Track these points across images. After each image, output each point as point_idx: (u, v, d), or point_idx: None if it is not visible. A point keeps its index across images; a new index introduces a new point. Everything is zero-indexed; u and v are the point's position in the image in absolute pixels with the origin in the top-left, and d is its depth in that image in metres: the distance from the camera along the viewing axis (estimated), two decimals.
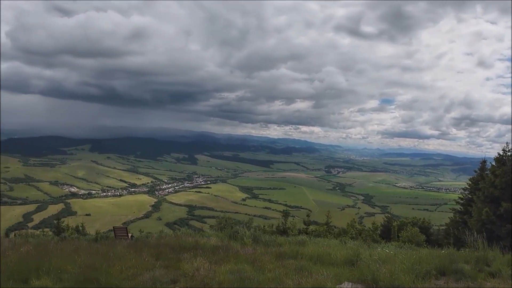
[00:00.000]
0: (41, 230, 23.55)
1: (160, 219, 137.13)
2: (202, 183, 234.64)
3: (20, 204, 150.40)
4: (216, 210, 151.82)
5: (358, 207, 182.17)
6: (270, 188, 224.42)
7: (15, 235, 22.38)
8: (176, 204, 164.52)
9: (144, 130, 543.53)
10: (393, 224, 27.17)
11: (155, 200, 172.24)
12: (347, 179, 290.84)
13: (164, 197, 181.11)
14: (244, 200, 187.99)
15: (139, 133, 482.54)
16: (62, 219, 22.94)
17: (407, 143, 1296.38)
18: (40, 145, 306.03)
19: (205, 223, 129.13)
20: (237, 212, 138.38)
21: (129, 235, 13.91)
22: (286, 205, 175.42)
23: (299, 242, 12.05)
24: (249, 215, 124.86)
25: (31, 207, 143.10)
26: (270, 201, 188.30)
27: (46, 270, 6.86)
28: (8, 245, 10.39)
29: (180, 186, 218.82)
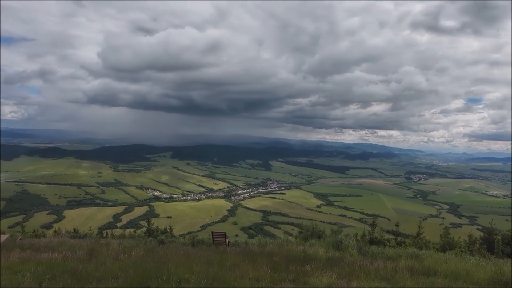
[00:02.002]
0: (133, 230, 24.61)
1: (236, 224, 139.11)
2: (276, 189, 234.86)
3: (111, 206, 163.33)
4: (290, 216, 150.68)
5: (443, 217, 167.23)
6: (345, 195, 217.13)
7: (107, 234, 23.60)
8: (251, 209, 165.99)
9: (220, 138, 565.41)
10: (496, 237, 23.84)
11: (231, 204, 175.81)
12: (430, 186, 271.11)
13: (240, 202, 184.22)
14: (319, 207, 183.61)
15: (216, 140, 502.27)
16: (152, 221, 23.69)
17: (498, 146, 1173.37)
18: (128, 152, 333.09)
19: (279, 229, 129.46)
20: (311, 219, 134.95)
21: (227, 240, 13.49)
22: (362, 213, 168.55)
23: (412, 256, 10.71)
24: (323, 222, 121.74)
25: (120, 209, 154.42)
26: (345, 208, 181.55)
27: (166, 279, 6.44)
28: (118, 248, 10.36)
29: (255, 192, 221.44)
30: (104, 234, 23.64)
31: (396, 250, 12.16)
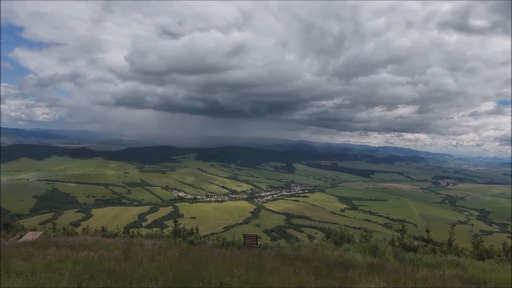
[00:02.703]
0: (160, 230, 24.74)
1: (259, 226, 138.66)
2: (300, 192, 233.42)
3: (136, 205, 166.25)
4: (313, 220, 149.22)
5: (472, 224, 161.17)
6: (370, 199, 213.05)
7: (133, 233, 23.99)
8: (274, 212, 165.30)
9: (244, 140, 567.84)
10: None
11: (254, 207, 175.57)
12: (459, 191, 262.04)
13: (263, 204, 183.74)
14: (342, 211, 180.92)
15: (240, 142, 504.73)
16: (179, 222, 23.80)
17: None
18: (154, 153, 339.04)
19: (303, 232, 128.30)
20: (335, 223, 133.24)
21: (258, 243, 13.34)
22: (388, 218, 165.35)
23: (452, 263, 10.21)
24: (347, 226, 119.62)
25: (145, 209, 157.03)
26: (370, 213, 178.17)
27: (207, 282, 6.30)
28: (153, 248, 10.28)
29: (278, 194, 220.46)
30: (131, 233, 24.04)
31: (435, 258, 11.63)
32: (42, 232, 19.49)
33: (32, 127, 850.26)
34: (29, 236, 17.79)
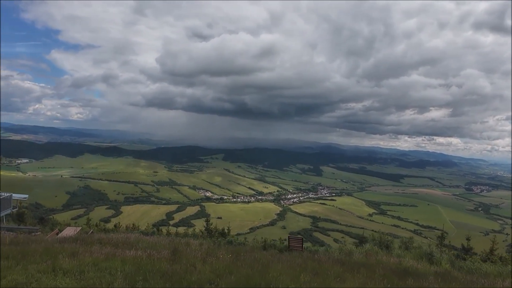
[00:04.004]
0: (192, 229, 24.77)
1: (285, 228, 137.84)
2: (327, 195, 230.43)
3: (164, 204, 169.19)
4: (340, 224, 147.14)
5: (506, 233, 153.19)
6: (399, 205, 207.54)
7: (161, 230, 24.31)
8: (300, 214, 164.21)
9: (272, 142, 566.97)
10: None
11: (280, 208, 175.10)
12: (493, 199, 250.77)
13: (289, 206, 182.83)
14: (370, 215, 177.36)
15: (267, 144, 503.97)
16: (211, 222, 23.87)
17: None
18: (182, 153, 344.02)
19: (329, 236, 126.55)
20: (362, 228, 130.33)
21: (303, 246, 13.05)
22: (417, 224, 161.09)
23: None
24: (375, 231, 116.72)
25: (173, 207, 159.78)
26: (399, 218, 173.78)
27: None
28: (200, 248, 10.03)
29: (305, 197, 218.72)
30: (172, 232, 24.33)
31: (495, 267, 10.90)
32: (80, 228, 19.96)
33: (67, 126, 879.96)
34: (67, 231, 18.21)
